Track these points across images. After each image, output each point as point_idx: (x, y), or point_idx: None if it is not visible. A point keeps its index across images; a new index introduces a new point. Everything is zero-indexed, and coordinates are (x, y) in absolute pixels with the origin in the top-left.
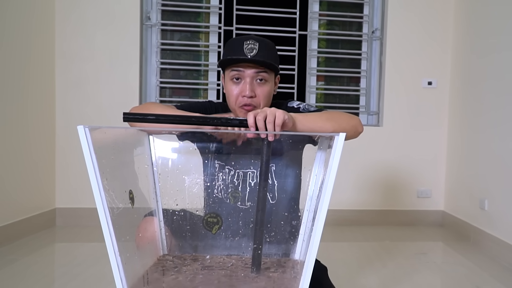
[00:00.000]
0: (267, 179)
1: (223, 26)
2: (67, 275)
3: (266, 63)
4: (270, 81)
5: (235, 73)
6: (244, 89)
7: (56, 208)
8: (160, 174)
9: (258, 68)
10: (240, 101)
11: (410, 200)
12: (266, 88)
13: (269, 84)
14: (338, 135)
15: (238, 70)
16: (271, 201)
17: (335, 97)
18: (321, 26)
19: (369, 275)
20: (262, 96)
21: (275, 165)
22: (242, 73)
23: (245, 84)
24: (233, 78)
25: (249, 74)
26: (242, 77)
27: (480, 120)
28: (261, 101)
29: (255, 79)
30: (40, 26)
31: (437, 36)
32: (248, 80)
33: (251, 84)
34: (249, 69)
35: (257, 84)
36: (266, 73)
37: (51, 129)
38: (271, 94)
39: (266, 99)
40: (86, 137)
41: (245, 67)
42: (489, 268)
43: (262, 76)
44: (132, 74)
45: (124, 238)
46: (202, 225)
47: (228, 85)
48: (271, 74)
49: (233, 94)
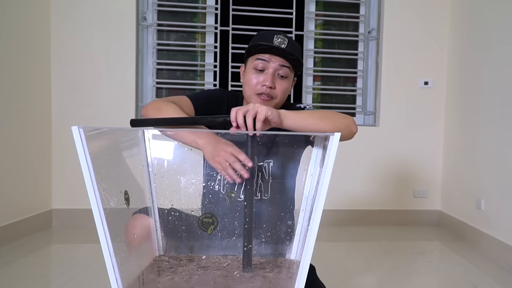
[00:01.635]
0: (253, 176)
1: (219, 26)
2: (64, 276)
3: (293, 55)
4: (290, 79)
5: (260, 62)
6: (266, 79)
7: (52, 209)
8: (156, 175)
9: (283, 62)
10: (258, 89)
11: (406, 200)
12: (285, 84)
13: (288, 81)
14: (333, 134)
15: (263, 60)
16: (264, 198)
17: (331, 97)
18: (317, 26)
19: (366, 275)
20: (280, 90)
21: (272, 163)
22: (267, 64)
23: (267, 74)
24: (256, 67)
25: (273, 66)
26: (266, 68)
27: (476, 120)
28: (279, 94)
29: (277, 72)
30: (36, 27)
31: (433, 36)
32: (271, 71)
33: (273, 76)
34: (275, 61)
35: (278, 78)
36: (288, 69)
37: (47, 131)
38: (288, 91)
39: (283, 95)
40: (81, 138)
41: (271, 57)
42: (486, 268)
43: (284, 72)
44: (128, 75)
45: (120, 239)
46: (197, 225)
47: (249, 73)
48: (292, 73)
49: (253, 83)
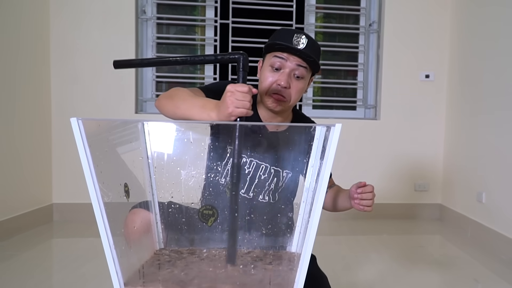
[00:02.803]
0: (239, 172)
1: (219, 19)
2: (65, 270)
3: (311, 57)
4: (306, 79)
5: (277, 60)
6: (281, 78)
7: (53, 203)
8: (156, 167)
9: (300, 62)
10: (273, 88)
11: (407, 193)
12: (301, 85)
13: (304, 82)
14: (334, 126)
15: (281, 58)
16: (272, 202)
17: (332, 91)
18: (318, 19)
19: (367, 268)
20: (295, 91)
21: (290, 175)
22: (284, 62)
23: (283, 74)
24: (273, 65)
25: (290, 66)
26: (282, 67)
27: (477, 113)
28: (293, 95)
29: (293, 72)
30: (35, 21)
31: (434, 29)
32: (287, 71)
33: (289, 76)
34: (292, 60)
35: (294, 78)
36: (305, 70)
37: (47, 124)
38: (303, 91)
39: (298, 95)
40: (80, 130)
41: (288, 57)
42: (487, 261)
43: (300, 72)
44: (128, 69)
45: (120, 232)
46: (197, 217)
47: (265, 71)
48: (308, 74)
49: (268, 81)
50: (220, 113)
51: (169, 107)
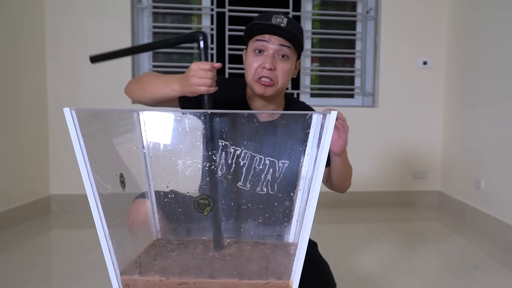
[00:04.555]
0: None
1: (215, 8)
2: (63, 261)
3: (292, 33)
4: (292, 59)
5: (259, 44)
6: (266, 60)
7: (51, 194)
8: (152, 157)
9: (283, 41)
10: (258, 73)
11: (406, 181)
12: (287, 65)
13: (290, 62)
14: (329, 113)
15: (263, 41)
16: (271, 193)
17: (330, 79)
18: (314, 6)
19: (366, 256)
20: (282, 72)
21: (287, 164)
22: (266, 45)
23: (267, 56)
24: (255, 49)
25: (273, 47)
26: (265, 49)
27: (475, 100)
28: (280, 76)
29: (277, 53)
30: (29, 10)
31: (432, 15)
32: (271, 52)
33: (273, 58)
34: (274, 41)
35: (279, 59)
36: (289, 49)
37: (44, 115)
38: (291, 74)
39: (286, 77)
40: (73, 119)
41: (270, 38)
42: (485, 247)
43: (285, 52)
44: (124, 58)
45: (115, 222)
46: (193, 207)
47: (249, 57)
48: (294, 54)
49: (253, 67)
50: (183, 87)
51: (136, 90)
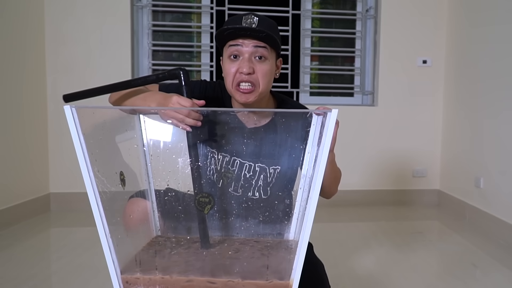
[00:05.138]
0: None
1: (215, 6)
2: (63, 259)
3: (263, 33)
4: (271, 59)
5: (233, 49)
6: (242, 65)
7: (50, 192)
8: (152, 155)
9: (257, 43)
10: (237, 78)
11: (405, 179)
12: (266, 66)
13: (269, 63)
14: (330, 111)
15: (236, 45)
16: (264, 197)
17: (329, 77)
18: (314, 5)
19: (365, 255)
20: (261, 74)
21: (279, 170)
22: (240, 49)
23: (243, 60)
24: (230, 55)
25: (248, 50)
26: (240, 53)
27: (475, 99)
28: (261, 79)
29: (254, 55)
30: (29, 8)
31: (432, 14)
32: (247, 56)
33: (250, 61)
34: (248, 44)
35: (256, 61)
36: (265, 49)
37: (43, 113)
38: (272, 74)
39: (266, 79)
40: (73, 117)
41: (243, 41)
42: (485, 246)
43: (261, 53)
44: (123, 57)
45: (116, 220)
46: (194, 205)
47: (225, 65)
48: (272, 53)
49: (231, 74)
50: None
51: (116, 95)
